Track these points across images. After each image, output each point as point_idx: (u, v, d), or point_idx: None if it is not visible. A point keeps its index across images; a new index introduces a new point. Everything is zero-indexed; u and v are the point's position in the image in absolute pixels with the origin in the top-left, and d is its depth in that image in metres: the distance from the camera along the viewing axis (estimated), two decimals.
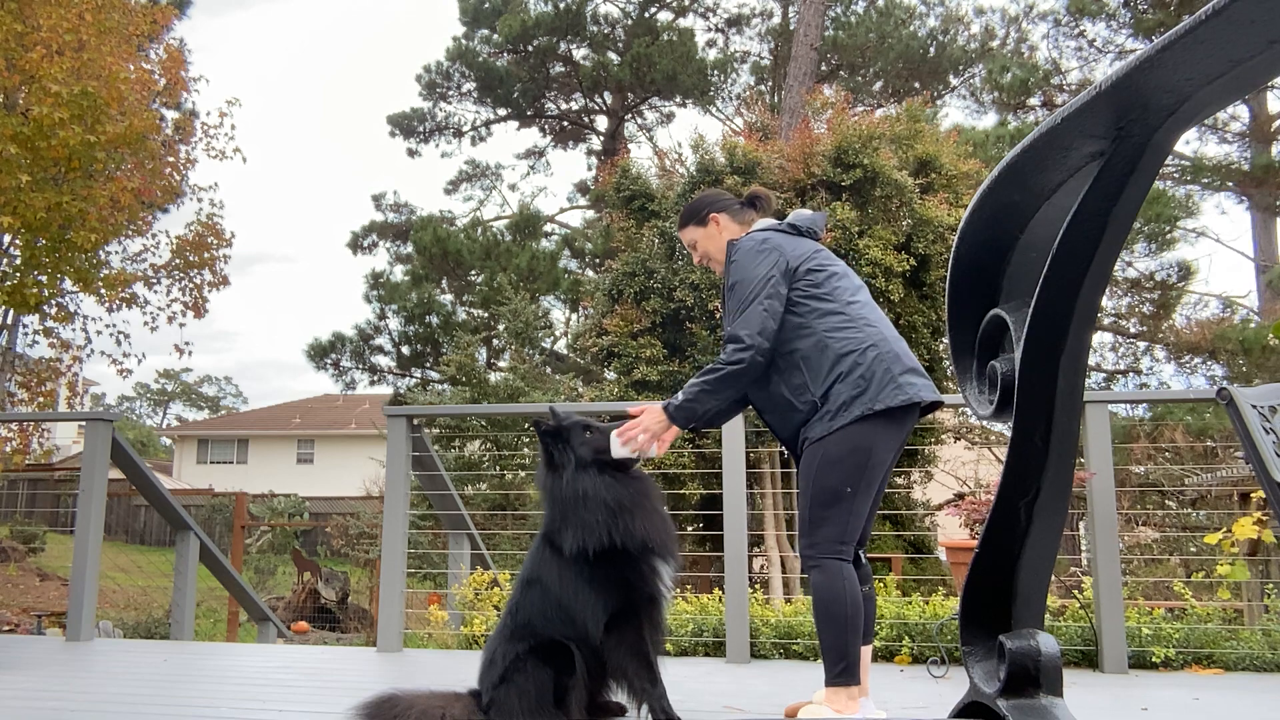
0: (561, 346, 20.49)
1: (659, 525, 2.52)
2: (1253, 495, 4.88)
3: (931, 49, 20.09)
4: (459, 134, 24.88)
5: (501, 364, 18.97)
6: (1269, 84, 11.95)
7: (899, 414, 2.60)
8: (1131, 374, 15.45)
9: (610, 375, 10.83)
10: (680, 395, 2.65)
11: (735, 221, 2.93)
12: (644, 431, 2.61)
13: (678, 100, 23.86)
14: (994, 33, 19.62)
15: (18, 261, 8.90)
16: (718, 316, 9.61)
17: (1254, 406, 2.50)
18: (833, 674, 2.54)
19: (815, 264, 2.73)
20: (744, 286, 2.66)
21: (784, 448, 2.83)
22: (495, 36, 23.28)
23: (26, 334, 10.32)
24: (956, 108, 34.62)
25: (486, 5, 23.51)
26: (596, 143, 25.42)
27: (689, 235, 3.00)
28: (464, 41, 23.74)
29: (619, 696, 2.57)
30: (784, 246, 2.74)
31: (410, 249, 23.18)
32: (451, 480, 6.16)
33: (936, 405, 2.73)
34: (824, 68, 19.65)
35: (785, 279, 2.67)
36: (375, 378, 22.57)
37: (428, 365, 21.85)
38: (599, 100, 24.90)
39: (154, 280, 10.14)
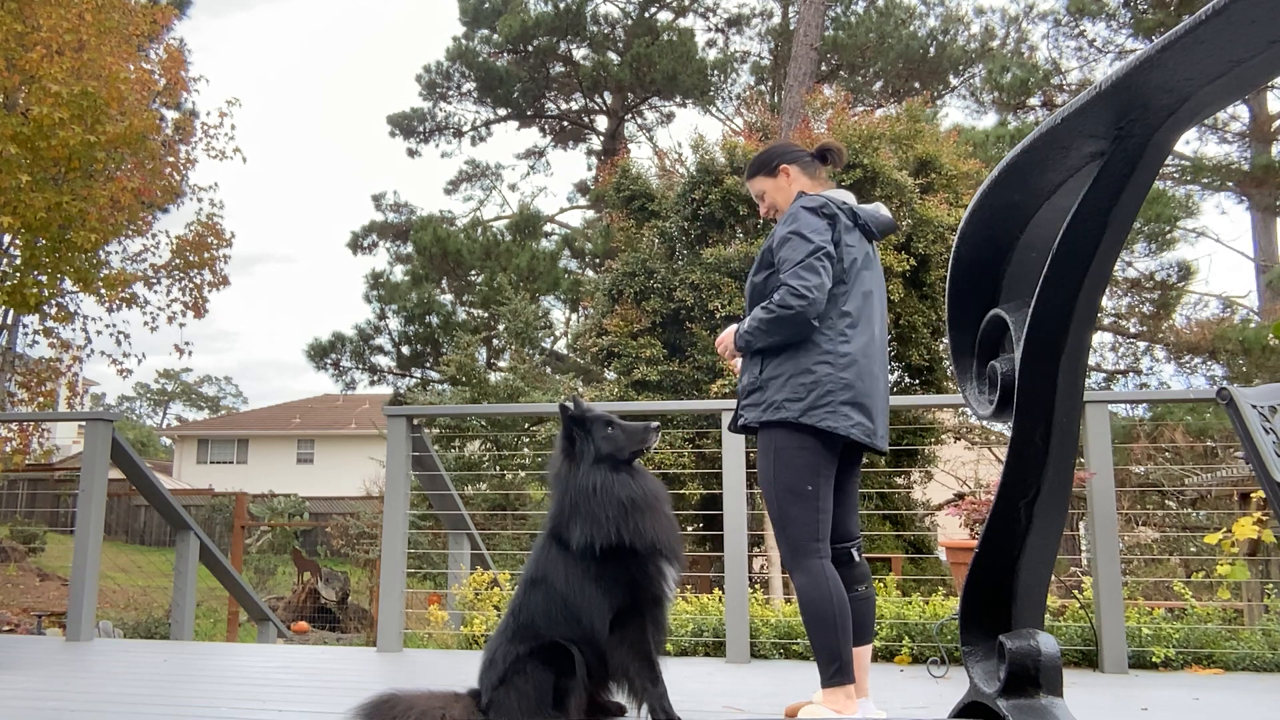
0: (561, 346, 20.51)
1: (667, 527, 2.53)
2: (1253, 495, 4.88)
3: (931, 49, 20.09)
4: (459, 134, 24.91)
5: (501, 364, 18.97)
6: (1269, 84, 11.95)
7: (826, 437, 2.61)
8: (1131, 374, 15.45)
9: (610, 375, 10.83)
10: (746, 324, 2.69)
11: (805, 174, 2.90)
12: (720, 344, 2.86)
13: (678, 100, 23.87)
14: (994, 33, 19.64)
15: (18, 261, 8.91)
16: (718, 316, 9.60)
17: (1254, 406, 2.50)
18: (827, 675, 2.54)
19: (844, 253, 2.70)
20: (803, 241, 2.64)
21: None
22: (495, 36, 23.29)
23: (26, 334, 10.33)
24: (956, 108, 34.66)
25: (486, 5, 23.52)
26: (596, 143, 25.44)
27: (758, 185, 2.94)
28: (464, 41, 23.75)
29: (620, 696, 2.57)
30: (838, 221, 2.72)
31: (410, 249, 23.19)
32: (451, 480, 6.15)
33: (874, 448, 2.71)
34: (824, 68, 19.66)
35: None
36: (375, 378, 22.58)
37: (428, 365, 21.86)
38: (599, 100, 24.90)
39: (154, 280, 10.14)
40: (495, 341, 21.19)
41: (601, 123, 25.35)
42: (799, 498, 2.59)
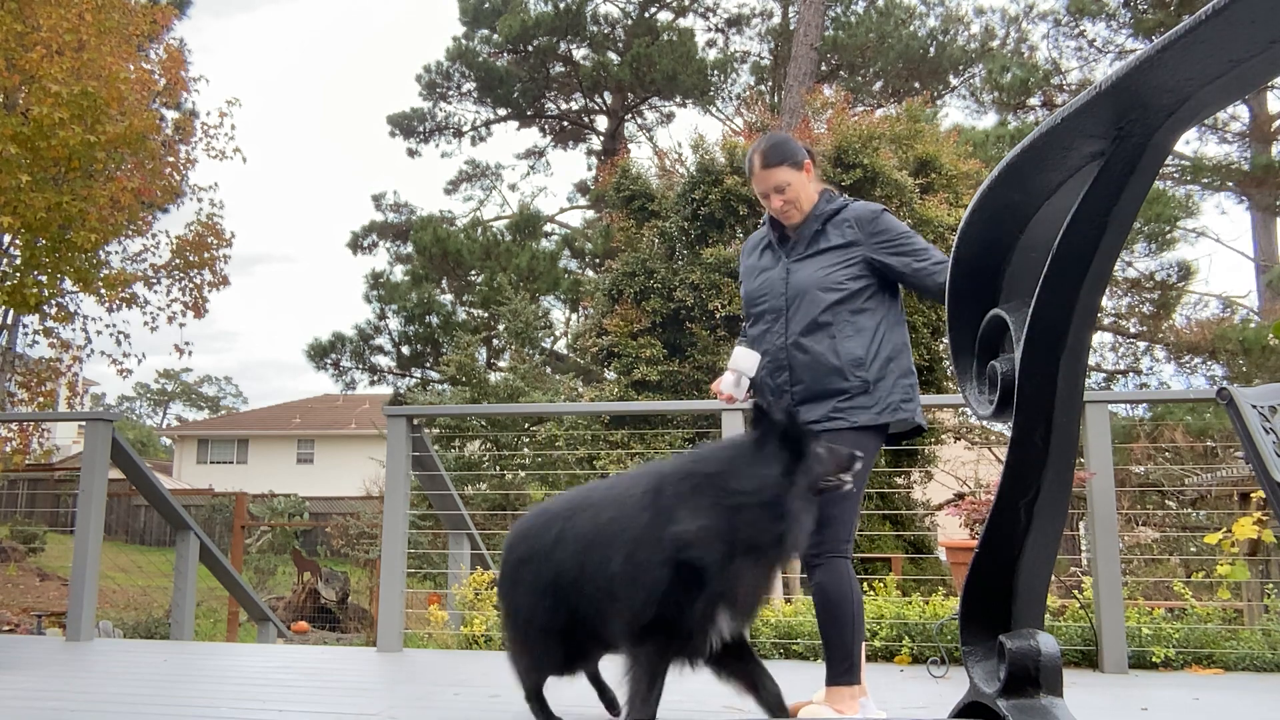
0: (561, 346, 20.52)
1: (762, 591, 2.23)
2: (1253, 495, 4.88)
3: (931, 49, 20.09)
4: (459, 134, 24.91)
5: (501, 364, 18.97)
6: (1269, 84, 11.95)
7: (889, 433, 2.71)
8: (1131, 374, 15.45)
9: (610, 375, 10.83)
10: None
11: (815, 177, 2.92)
12: None
13: (678, 100, 23.88)
14: (994, 33, 19.64)
15: (18, 261, 8.91)
16: (718, 316, 9.60)
17: (1254, 406, 2.50)
18: (837, 673, 2.54)
19: None
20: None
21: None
22: (495, 36, 23.29)
23: (26, 334, 10.33)
24: (956, 108, 34.55)
25: (486, 5, 23.52)
26: (596, 143, 25.44)
27: (781, 176, 2.72)
28: (464, 41, 23.75)
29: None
30: None
31: (410, 249, 23.20)
32: (451, 480, 6.15)
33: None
34: (824, 68, 19.65)
35: None
36: (375, 378, 22.59)
37: (428, 365, 21.86)
38: (599, 100, 24.90)
39: (154, 280, 10.14)
40: (495, 341, 21.20)
41: (601, 123, 25.36)
42: (846, 498, 2.54)
